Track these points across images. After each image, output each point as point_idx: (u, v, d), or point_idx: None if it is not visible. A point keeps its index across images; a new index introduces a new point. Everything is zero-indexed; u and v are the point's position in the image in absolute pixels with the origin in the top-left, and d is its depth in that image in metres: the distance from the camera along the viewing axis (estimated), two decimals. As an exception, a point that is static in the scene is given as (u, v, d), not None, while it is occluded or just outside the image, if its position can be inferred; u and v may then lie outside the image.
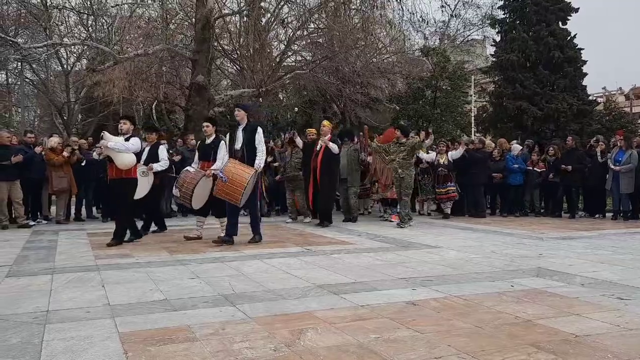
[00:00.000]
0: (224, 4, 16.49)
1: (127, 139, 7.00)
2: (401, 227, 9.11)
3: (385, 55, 18.08)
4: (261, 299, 4.24)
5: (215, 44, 15.37)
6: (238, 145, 7.10)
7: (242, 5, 14.77)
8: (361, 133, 10.63)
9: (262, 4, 14.93)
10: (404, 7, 15.60)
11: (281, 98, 23.41)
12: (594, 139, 11.77)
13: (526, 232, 8.58)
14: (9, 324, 3.60)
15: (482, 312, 3.87)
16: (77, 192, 10.31)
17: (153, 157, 8.04)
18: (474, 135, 21.52)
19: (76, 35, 17.43)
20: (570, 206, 11.27)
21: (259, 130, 7.17)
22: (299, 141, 10.06)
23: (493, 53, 24.42)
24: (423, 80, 19.75)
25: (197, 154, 7.88)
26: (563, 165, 10.86)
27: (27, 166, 9.48)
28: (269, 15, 16.05)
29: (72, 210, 10.59)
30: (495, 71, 23.58)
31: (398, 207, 9.84)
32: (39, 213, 10.33)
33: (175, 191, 7.67)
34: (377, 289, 4.57)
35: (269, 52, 17.08)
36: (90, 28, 15.76)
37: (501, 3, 23.64)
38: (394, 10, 15.65)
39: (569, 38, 22.09)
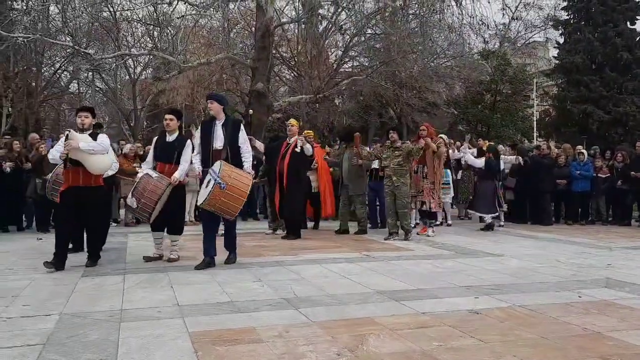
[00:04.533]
0: (283, 12, 16.82)
1: (93, 137, 5.75)
2: (406, 240, 8.19)
3: (443, 59, 17.88)
4: (322, 303, 4.31)
5: (274, 51, 15.68)
6: (219, 144, 5.85)
7: (300, 13, 14.99)
8: (357, 134, 9.30)
9: (320, 11, 15.11)
10: (463, 11, 15.30)
11: (337, 103, 23.57)
12: None
13: (593, 241, 8.27)
14: (87, 320, 3.83)
15: (548, 322, 3.79)
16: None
17: None
18: (536, 140, 20.86)
19: (143, 45, 18.28)
20: (641, 214, 10.78)
21: (242, 127, 6.11)
22: (259, 144, 8.88)
23: (556, 55, 23.68)
24: (482, 84, 19.41)
25: (151, 152, 6.40)
26: (633, 172, 10.40)
27: None
28: (326, 22, 16.24)
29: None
30: (558, 74, 22.86)
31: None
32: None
33: (130, 200, 5.94)
34: (439, 296, 4.55)
35: (326, 58, 17.33)
36: (156, 39, 16.45)
37: (565, 4, 22.90)
38: (453, 15, 15.44)
39: (638, 38, 21.12)
